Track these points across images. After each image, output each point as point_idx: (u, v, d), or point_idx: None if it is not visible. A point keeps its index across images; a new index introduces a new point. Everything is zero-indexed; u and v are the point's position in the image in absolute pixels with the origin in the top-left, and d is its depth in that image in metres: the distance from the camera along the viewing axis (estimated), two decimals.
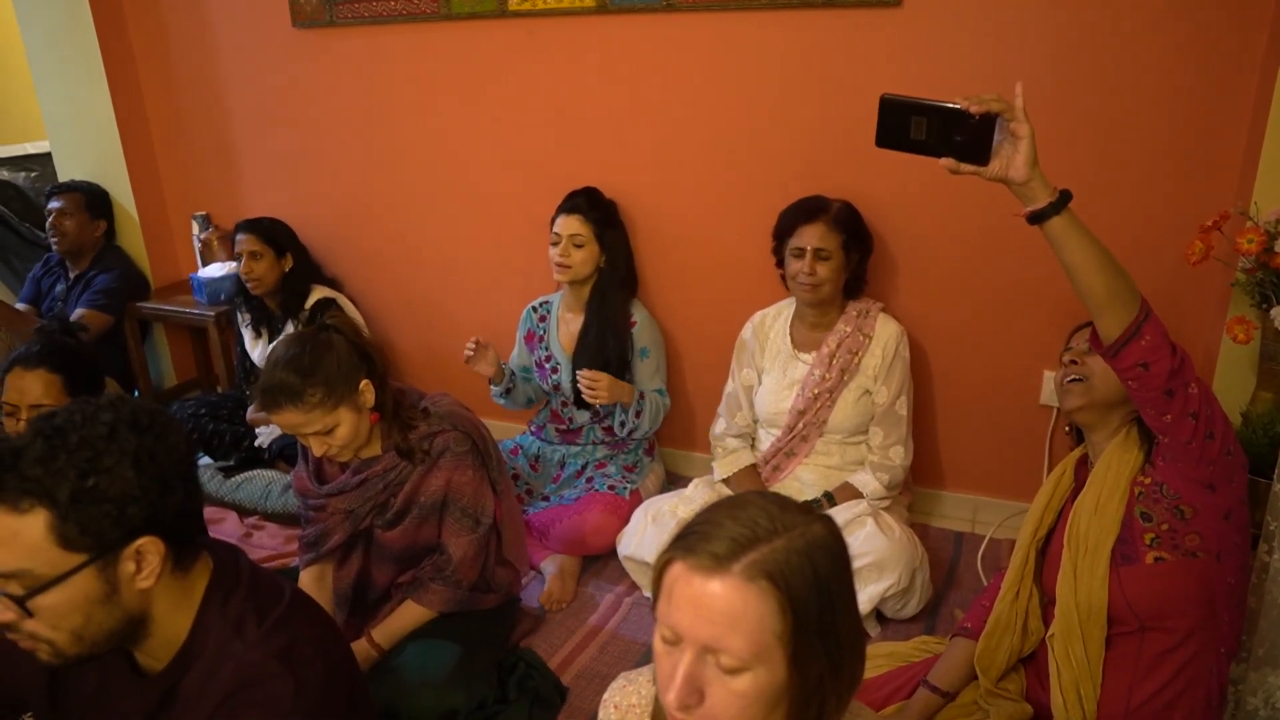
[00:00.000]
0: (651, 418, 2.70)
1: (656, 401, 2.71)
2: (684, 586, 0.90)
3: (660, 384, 2.75)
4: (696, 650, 0.89)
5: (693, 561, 0.89)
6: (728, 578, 0.87)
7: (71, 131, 3.68)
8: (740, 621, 0.87)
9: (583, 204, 2.65)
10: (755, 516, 0.92)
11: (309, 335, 1.82)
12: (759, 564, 0.87)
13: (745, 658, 0.87)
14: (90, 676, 1.22)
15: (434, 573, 1.97)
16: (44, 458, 1.02)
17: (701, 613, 0.88)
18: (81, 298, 3.46)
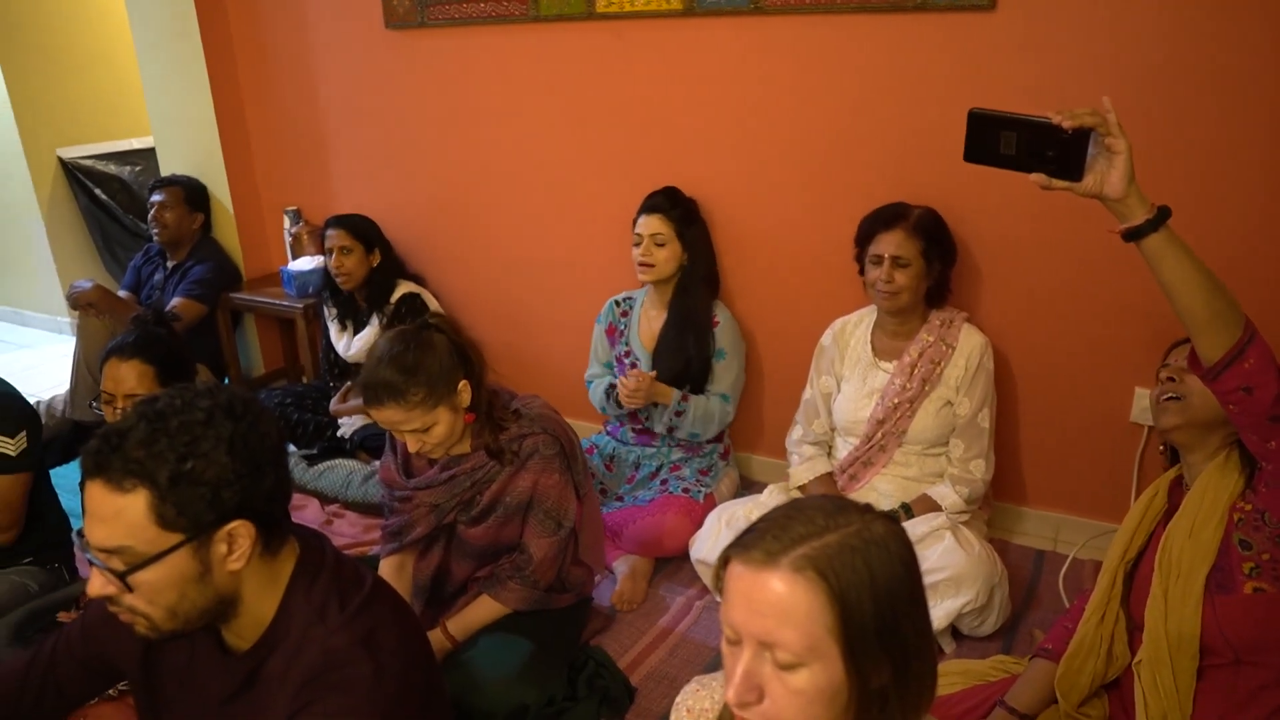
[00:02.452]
0: (700, 421, 2.67)
1: (710, 406, 2.68)
2: (738, 582, 0.91)
3: (726, 390, 2.71)
4: (754, 647, 0.90)
5: (746, 557, 0.91)
6: (777, 570, 0.88)
7: (175, 129, 3.83)
8: (790, 614, 0.87)
9: (663, 203, 2.66)
10: (811, 515, 0.93)
11: (412, 333, 1.84)
12: (807, 556, 0.88)
13: (799, 652, 0.87)
14: (181, 652, 1.27)
15: (512, 571, 1.99)
16: (146, 440, 1.06)
17: (754, 606, 0.89)
18: (178, 287, 3.59)
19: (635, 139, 2.91)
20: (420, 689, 1.26)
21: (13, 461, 2.25)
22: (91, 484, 1.08)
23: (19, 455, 2.25)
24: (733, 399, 2.73)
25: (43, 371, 4.26)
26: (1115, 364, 2.46)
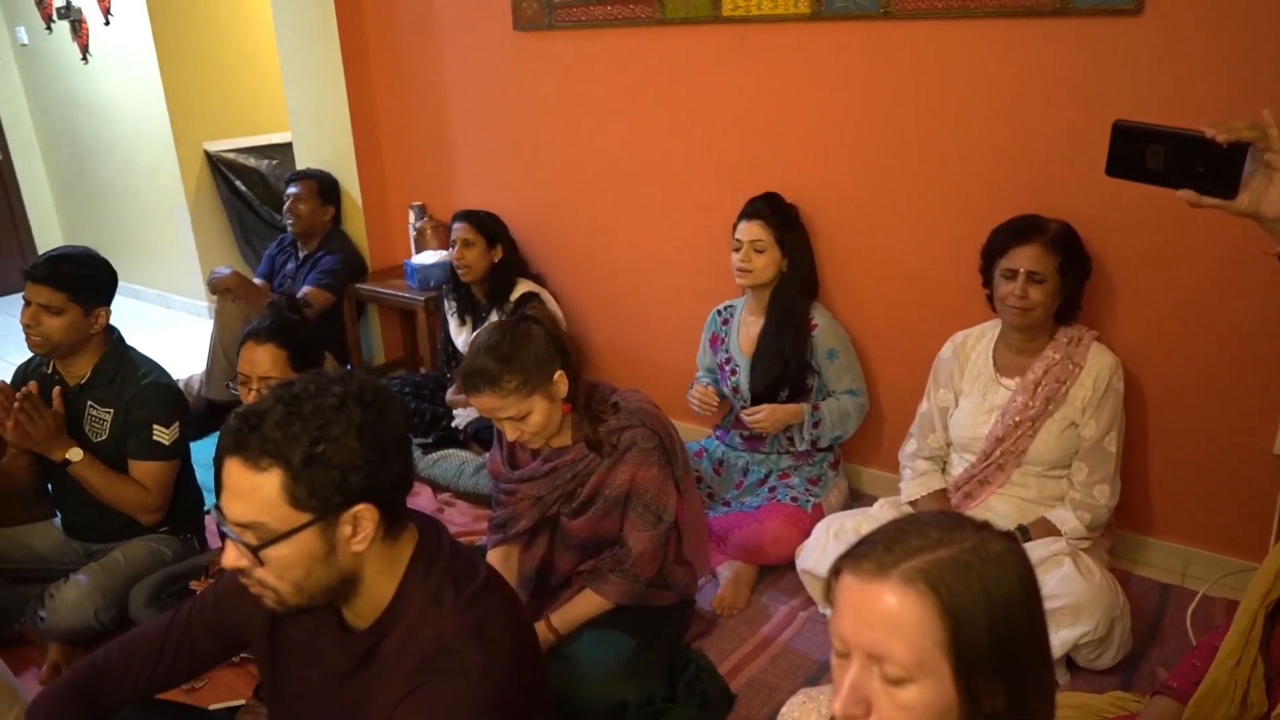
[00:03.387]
0: (837, 422, 2.65)
1: (844, 405, 2.66)
2: (848, 593, 0.90)
3: (852, 384, 2.69)
4: (862, 659, 0.89)
5: (857, 568, 0.90)
6: (887, 582, 0.87)
7: (311, 125, 4.00)
8: (899, 627, 0.86)
9: (763, 209, 2.66)
10: (925, 528, 0.91)
11: (510, 325, 1.90)
12: (918, 569, 0.87)
13: (907, 666, 0.86)
14: (304, 626, 1.32)
15: (613, 564, 2.01)
16: (282, 422, 1.12)
17: (862, 618, 0.88)
18: (309, 276, 3.75)
19: (756, 143, 2.89)
20: (526, 679, 1.29)
21: (166, 450, 2.41)
22: (230, 461, 1.13)
23: (171, 444, 2.41)
24: (860, 390, 2.71)
25: (182, 352, 4.50)
26: (1259, 391, 2.31)
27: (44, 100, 5.69)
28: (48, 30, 5.33)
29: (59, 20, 5.21)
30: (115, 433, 2.39)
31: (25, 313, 2.30)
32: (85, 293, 2.32)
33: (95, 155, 5.52)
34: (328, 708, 1.31)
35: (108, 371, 2.40)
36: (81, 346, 2.38)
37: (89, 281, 2.34)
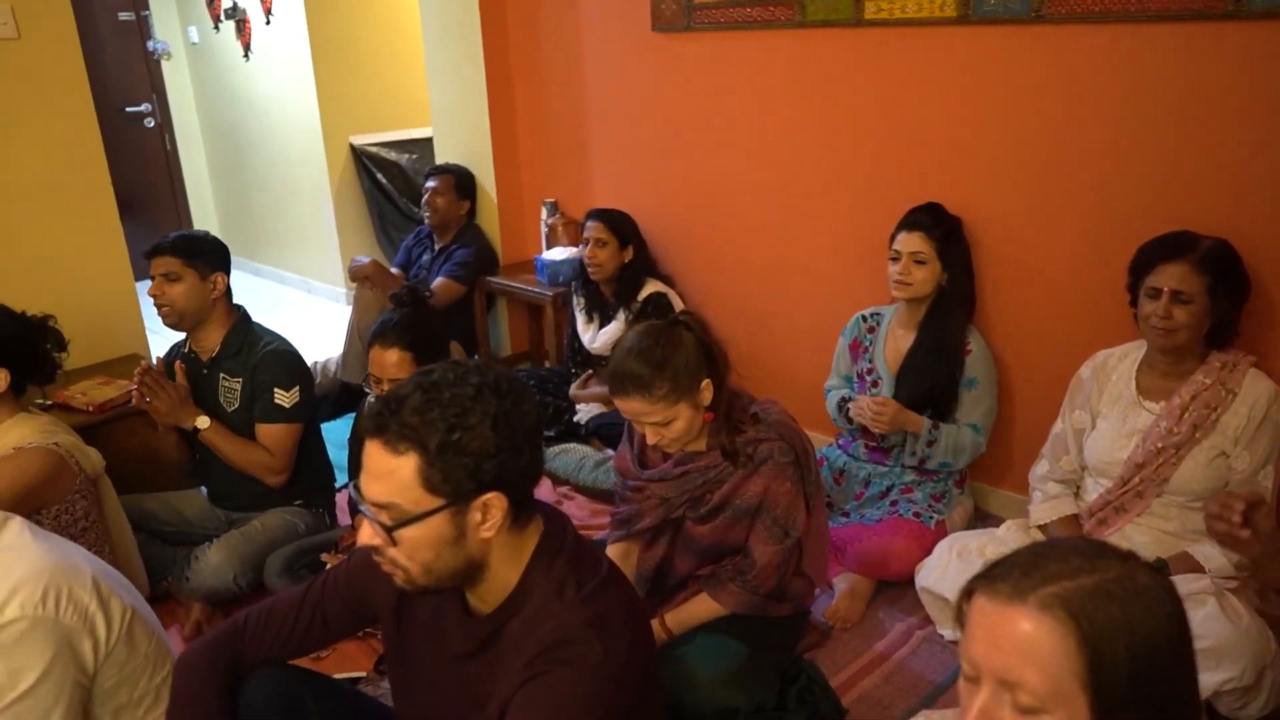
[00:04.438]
0: (950, 451, 2.57)
1: (961, 437, 2.57)
2: (981, 617, 0.88)
3: (978, 420, 2.59)
4: (993, 685, 0.86)
5: (992, 591, 0.87)
6: (1024, 607, 0.84)
7: (451, 121, 4.13)
8: (1034, 655, 0.83)
9: (925, 220, 2.57)
10: (1067, 554, 0.88)
11: (663, 329, 1.89)
12: (1058, 596, 0.84)
13: (1041, 695, 0.82)
14: (429, 607, 1.36)
15: (734, 573, 2.00)
16: (421, 408, 1.15)
17: (995, 642, 0.85)
18: (442, 268, 3.87)
19: (895, 150, 2.83)
20: (640, 676, 1.29)
21: (287, 412, 2.53)
22: (370, 443, 1.18)
23: (292, 408, 2.53)
24: (984, 430, 2.60)
25: (321, 336, 4.71)
26: None
27: (209, 95, 6.05)
28: (215, 30, 5.67)
29: (226, 20, 5.54)
30: (245, 401, 2.53)
31: (151, 287, 2.47)
32: (198, 257, 2.46)
33: (251, 147, 5.84)
34: (448, 686, 1.35)
35: (235, 344, 2.55)
36: (206, 316, 2.52)
37: (200, 247, 2.48)
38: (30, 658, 1.36)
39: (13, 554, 1.43)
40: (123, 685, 1.52)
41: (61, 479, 2.09)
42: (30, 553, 1.44)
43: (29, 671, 1.36)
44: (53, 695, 1.39)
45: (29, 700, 1.37)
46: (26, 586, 1.38)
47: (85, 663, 1.45)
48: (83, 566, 1.50)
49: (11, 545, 1.45)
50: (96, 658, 1.46)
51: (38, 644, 1.37)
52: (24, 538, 1.47)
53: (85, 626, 1.44)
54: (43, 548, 1.47)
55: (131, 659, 1.52)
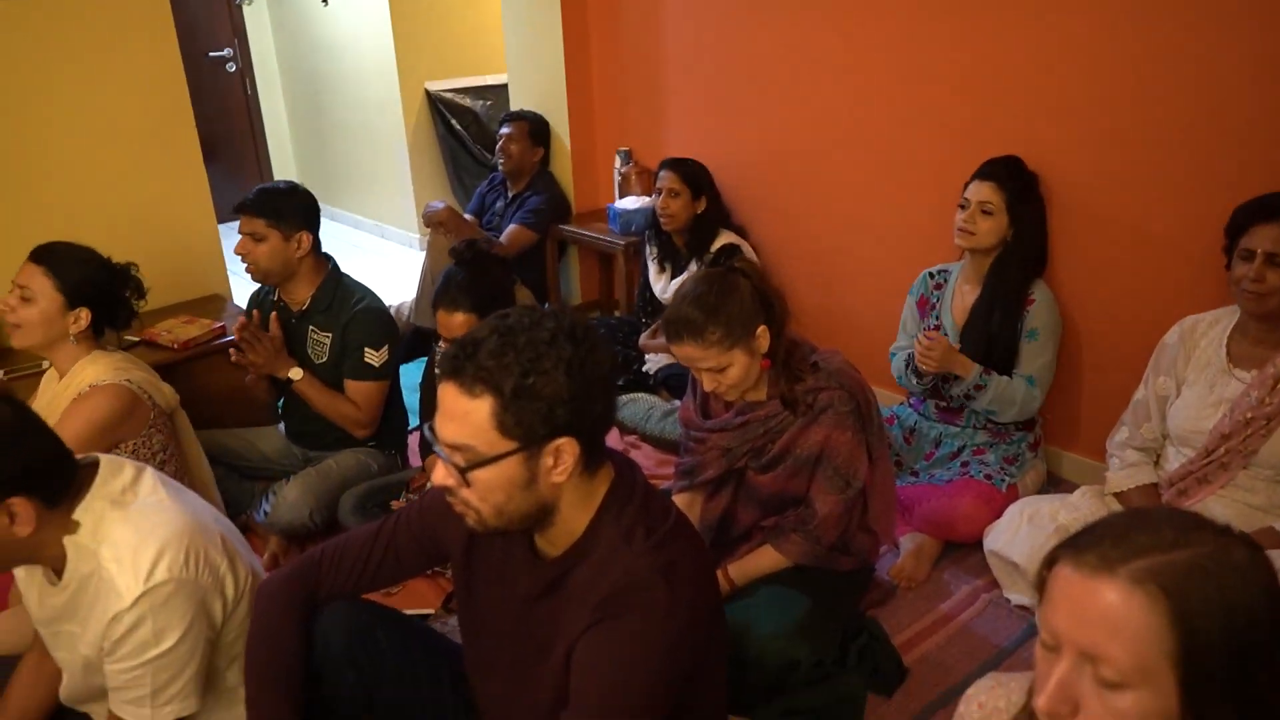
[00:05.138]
0: (996, 399, 2.48)
1: (1013, 388, 2.48)
2: (1066, 586, 0.85)
3: (1034, 373, 2.50)
4: (1074, 656, 0.83)
5: (1079, 561, 0.84)
6: (1113, 580, 0.81)
7: (527, 67, 4.11)
8: (1121, 629, 0.80)
9: (1001, 171, 2.49)
10: (1158, 525, 0.84)
11: (717, 275, 1.89)
12: (1150, 570, 0.80)
13: (1126, 671, 0.80)
14: (498, 548, 1.39)
15: (796, 524, 2.00)
16: (496, 352, 1.16)
17: (1080, 614, 0.83)
18: (515, 215, 3.88)
19: (976, 103, 2.73)
20: (705, 625, 1.30)
21: (376, 371, 2.59)
22: (446, 385, 1.19)
23: (381, 366, 2.59)
24: (1040, 384, 2.52)
25: (394, 280, 4.77)
26: None
27: (289, 40, 6.12)
28: None
29: None
30: (334, 355, 2.58)
31: (237, 245, 2.51)
32: (283, 218, 2.49)
33: (328, 92, 5.90)
34: (515, 627, 1.37)
35: (325, 298, 2.59)
36: (293, 272, 2.56)
37: (285, 207, 2.50)
38: (174, 618, 1.42)
39: (156, 513, 1.46)
40: (240, 638, 1.57)
41: (135, 414, 2.16)
42: (170, 511, 1.48)
43: (172, 631, 1.42)
44: (189, 652, 1.45)
45: (169, 657, 1.42)
46: (171, 549, 1.42)
47: (215, 620, 1.51)
48: (213, 526, 1.55)
49: (151, 503, 1.48)
50: (224, 615, 1.52)
51: (181, 605, 1.42)
52: (160, 493, 1.50)
53: (217, 587, 1.50)
54: (179, 505, 1.51)
55: (249, 616, 1.56)
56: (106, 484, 1.46)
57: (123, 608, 1.38)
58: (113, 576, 1.40)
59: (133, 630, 1.39)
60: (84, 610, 1.45)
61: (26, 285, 2.08)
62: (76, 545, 1.42)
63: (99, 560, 1.41)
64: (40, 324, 2.10)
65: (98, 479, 1.46)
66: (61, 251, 2.13)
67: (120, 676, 1.42)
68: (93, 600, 1.43)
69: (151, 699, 1.44)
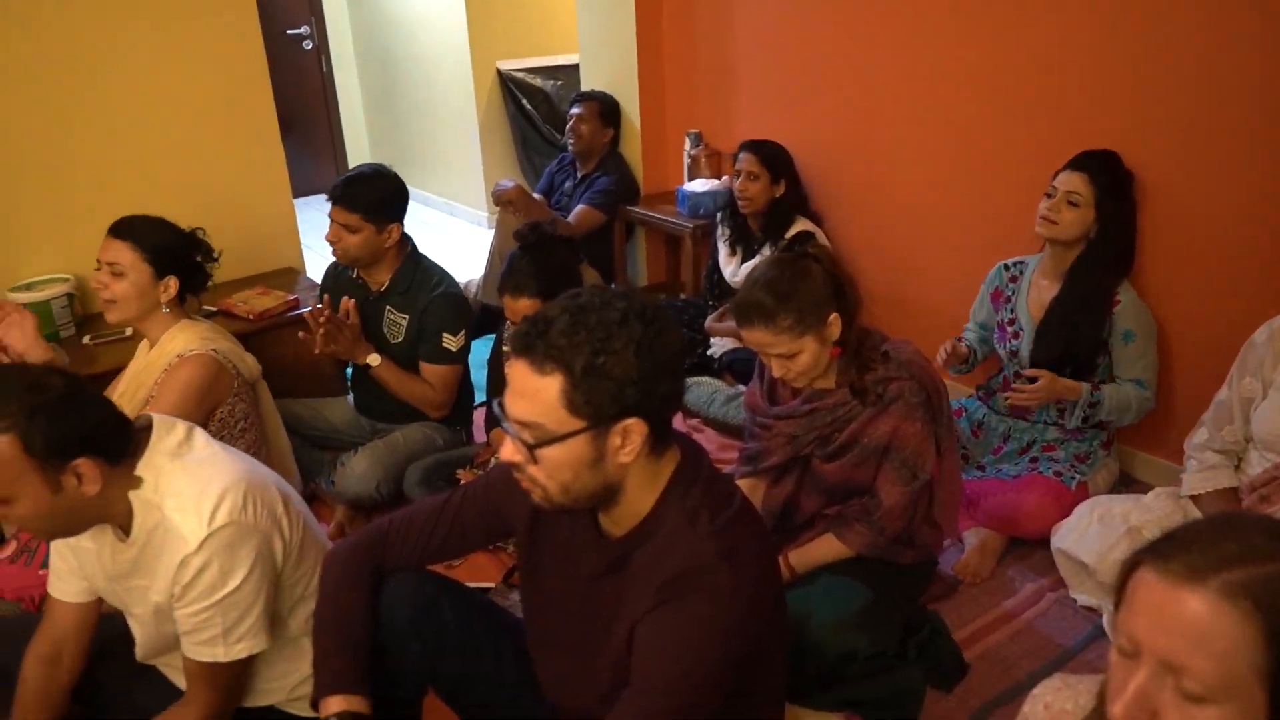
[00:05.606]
0: (1113, 409, 2.44)
1: (1125, 393, 2.44)
2: (1149, 593, 0.82)
3: (1142, 374, 2.45)
4: (1154, 666, 0.81)
5: (1164, 568, 0.81)
6: (1202, 591, 0.78)
7: (598, 48, 4.11)
8: (1208, 641, 0.77)
9: (1094, 164, 2.41)
10: (1249, 534, 0.81)
11: (790, 260, 1.87)
12: (1244, 584, 0.77)
13: (1211, 685, 0.77)
14: (563, 526, 1.40)
15: (860, 514, 1.98)
16: (568, 330, 1.16)
17: (1164, 624, 0.80)
18: (584, 195, 3.90)
19: (1069, 94, 2.64)
20: (767, 610, 1.30)
21: (453, 355, 2.63)
22: (516, 362, 1.20)
23: (458, 351, 2.63)
24: (1149, 385, 2.46)
25: (462, 257, 4.83)
26: None
27: (364, 18, 6.20)
28: None
29: None
30: (410, 336, 2.63)
31: (329, 231, 2.57)
32: (376, 212, 2.54)
33: (402, 70, 5.97)
34: (577, 604, 1.38)
35: (404, 280, 2.63)
36: (379, 258, 2.62)
37: (379, 201, 2.54)
38: (238, 559, 1.47)
39: (211, 464, 1.52)
40: (299, 581, 1.62)
41: (220, 383, 2.22)
42: (224, 461, 1.53)
43: (237, 571, 1.47)
44: (255, 591, 1.50)
45: (236, 596, 1.47)
46: (230, 494, 1.47)
47: (277, 561, 1.55)
48: (265, 472, 1.60)
49: (205, 455, 1.53)
50: (284, 556, 1.57)
51: (243, 546, 1.47)
52: (213, 447, 1.56)
53: (276, 528, 1.54)
54: (230, 456, 1.56)
55: (305, 559, 1.62)
56: (162, 440, 1.52)
57: (189, 551, 1.44)
58: (177, 525, 1.45)
59: (201, 573, 1.45)
60: (152, 561, 1.50)
61: (115, 261, 2.14)
62: (142, 500, 1.48)
63: (163, 511, 1.46)
64: (135, 297, 2.17)
65: (154, 436, 1.52)
66: (140, 224, 2.19)
67: (192, 620, 1.48)
68: (159, 550, 1.48)
69: (224, 638, 1.49)
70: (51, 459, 1.35)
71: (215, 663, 1.51)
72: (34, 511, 1.39)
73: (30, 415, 1.33)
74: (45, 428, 1.34)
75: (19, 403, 1.33)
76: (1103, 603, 2.20)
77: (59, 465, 1.37)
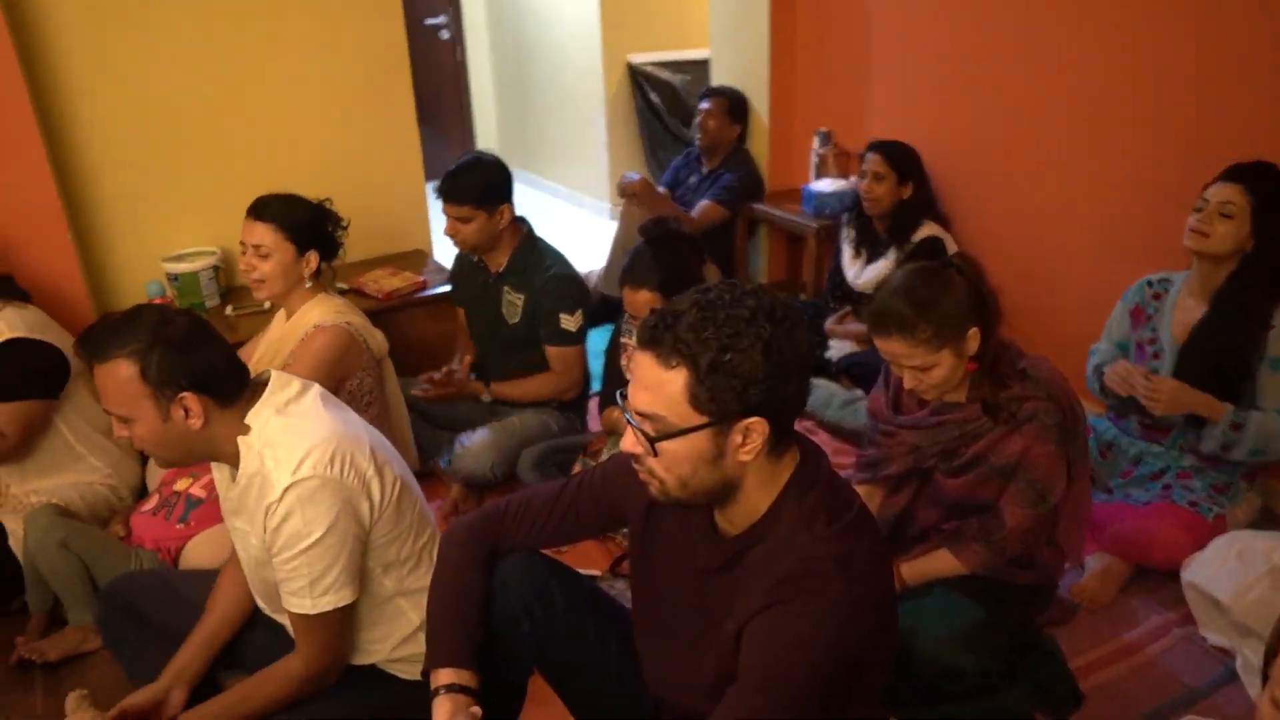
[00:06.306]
0: (1257, 438, 2.25)
1: (1271, 424, 2.24)
2: None
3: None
4: None
5: None
6: None
7: (729, 42, 4.09)
8: None
9: (1251, 175, 2.25)
10: None
11: (933, 270, 1.82)
12: None
13: None
14: (677, 519, 1.40)
15: (980, 533, 1.91)
16: (696, 326, 1.16)
17: None
18: (708, 191, 3.89)
19: (1221, 105, 2.50)
20: (876, 619, 1.27)
21: (572, 335, 2.69)
22: (642, 354, 1.21)
23: (577, 330, 2.68)
24: None
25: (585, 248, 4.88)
26: None
27: (499, 9, 6.33)
28: None
29: None
30: (526, 316, 2.69)
31: (446, 226, 2.67)
32: (485, 199, 2.61)
33: (533, 61, 6.07)
34: (687, 599, 1.39)
35: (520, 262, 2.70)
36: (497, 241, 2.70)
37: (485, 187, 2.62)
38: (320, 511, 1.54)
39: (309, 419, 1.61)
40: (391, 544, 1.68)
41: (351, 356, 2.31)
42: (322, 419, 1.62)
43: (319, 523, 1.54)
44: (337, 546, 1.57)
45: (319, 549, 1.55)
46: (318, 450, 1.55)
47: (364, 520, 1.61)
48: (363, 436, 1.67)
49: (308, 412, 1.62)
50: (372, 517, 1.63)
51: (325, 500, 1.54)
52: (317, 405, 1.65)
53: (363, 489, 1.60)
54: (332, 416, 1.64)
55: (399, 523, 1.68)
56: (275, 395, 1.61)
57: (273, 499, 1.52)
58: (270, 473, 1.54)
59: (285, 520, 1.53)
60: (251, 506, 1.60)
61: (260, 243, 2.25)
62: (247, 445, 1.57)
63: (262, 460, 1.56)
64: (281, 275, 2.28)
65: (268, 390, 1.62)
66: (276, 204, 2.28)
67: (283, 569, 1.57)
68: (258, 497, 1.57)
69: (310, 589, 1.57)
70: (163, 388, 1.49)
71: (306, 615, 1.59)
72: (149, 434, 1.54)
73: (150, 346, 1.48)
74: (161, 359, 1.48)
75: (145, 334, 1.48)
76: (1237, 644, 2.07)
77: (169, 395, 1.50)
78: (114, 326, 1.51)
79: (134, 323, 1.50)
